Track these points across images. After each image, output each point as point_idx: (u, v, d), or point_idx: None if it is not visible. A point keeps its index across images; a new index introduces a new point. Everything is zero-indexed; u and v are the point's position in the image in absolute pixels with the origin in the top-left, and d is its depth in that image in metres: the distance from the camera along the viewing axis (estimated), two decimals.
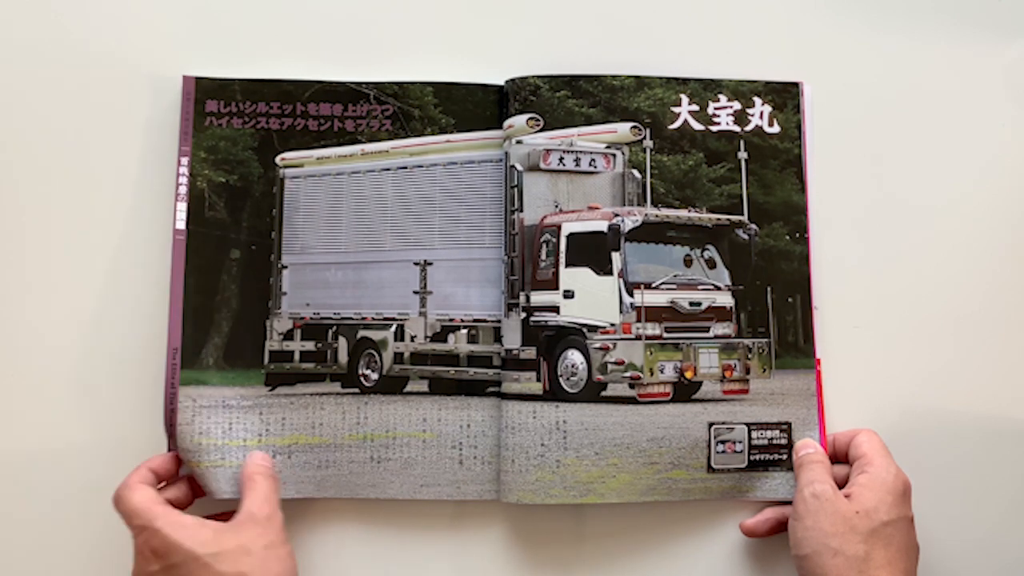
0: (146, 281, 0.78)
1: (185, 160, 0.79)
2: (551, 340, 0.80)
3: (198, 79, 0.79)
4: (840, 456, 0.77)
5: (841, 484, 0.73)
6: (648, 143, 0.80)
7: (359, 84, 0.81)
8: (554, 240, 0.83)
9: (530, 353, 0.79)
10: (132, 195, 0.79)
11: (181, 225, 0.78)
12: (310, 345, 0.81)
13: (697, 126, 0.82)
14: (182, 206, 0.78)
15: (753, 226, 0.80)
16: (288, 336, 0.81)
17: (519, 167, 0.79)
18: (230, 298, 0.79)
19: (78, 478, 0.76)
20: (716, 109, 0.82)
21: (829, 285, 0.80)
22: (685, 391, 0.80)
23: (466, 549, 0.77)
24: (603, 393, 0.79)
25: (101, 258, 0.78)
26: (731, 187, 0.81)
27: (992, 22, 0.84)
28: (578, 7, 0.83)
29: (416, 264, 0.81)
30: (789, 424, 0.78)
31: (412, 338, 0.81)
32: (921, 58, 0.84)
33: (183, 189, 0.78)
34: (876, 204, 0.82)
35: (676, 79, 0.82)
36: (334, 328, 0.82)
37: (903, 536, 0.70)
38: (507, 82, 0.80)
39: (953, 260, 0.82)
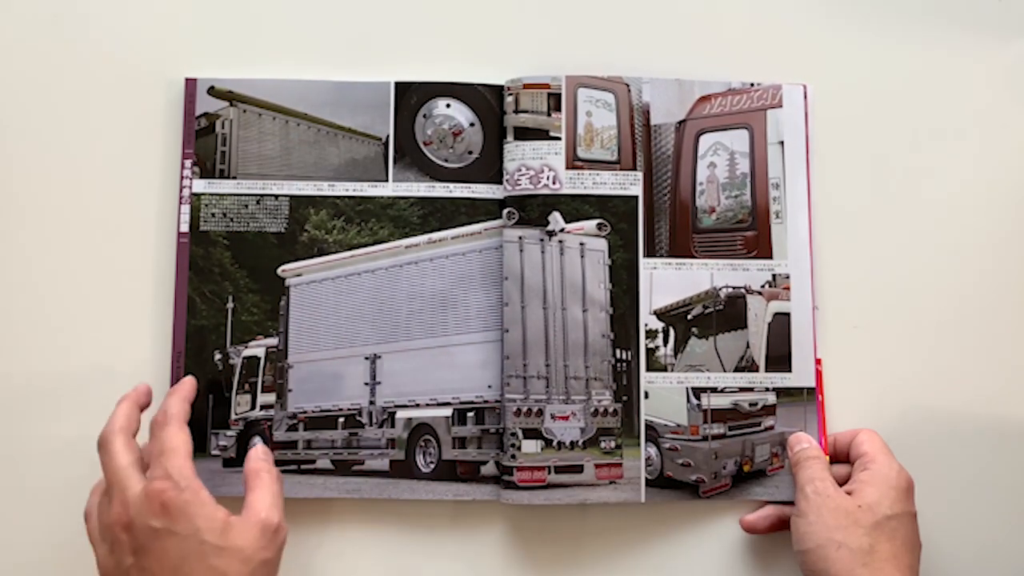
0: (148, 283, 0.79)
1: (188, 163, 0.79)
2: None
3: (201, 81, 0.80)
4: (841, 456, 0.77)
5: (842, 483, 0.73)
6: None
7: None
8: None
9: None
10: (134, 198, 0.80)
11: (185, 228, 0.79)
12: None
13: None
14: (186, 209, 0.79)
15: None
16: None
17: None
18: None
19: (77, 478, 0.76)
20: None
21: (829, 285, 0.80)
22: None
23: (466, 549, 0.78)
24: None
25: (103, 259, 0.79)
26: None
27: (992, 22, 0.84)
28: (578, 7, 0.83)
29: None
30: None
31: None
32: (921, 58, 0.83)
33: (186, 192, 0.79)
34: (876, 204, 0.82)
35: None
36: None
37: (907, 531, 0.70)
38: (508, 82, 0.80)
39: (953, 260, 0.81)
